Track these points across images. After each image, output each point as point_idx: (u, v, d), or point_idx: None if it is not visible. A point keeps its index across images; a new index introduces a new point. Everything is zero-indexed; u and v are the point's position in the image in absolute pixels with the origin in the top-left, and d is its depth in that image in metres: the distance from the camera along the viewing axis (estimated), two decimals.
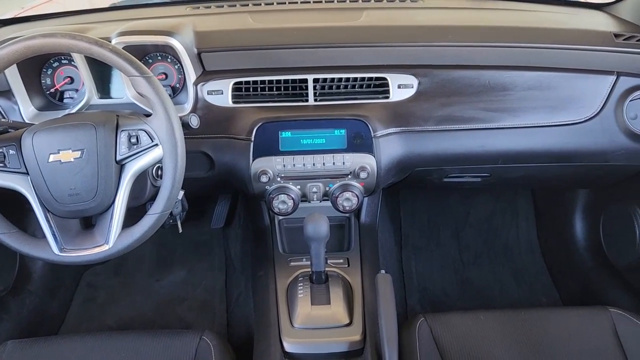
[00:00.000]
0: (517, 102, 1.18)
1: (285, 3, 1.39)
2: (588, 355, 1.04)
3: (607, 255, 1.57)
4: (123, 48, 1.05)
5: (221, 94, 1.15)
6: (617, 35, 1.19)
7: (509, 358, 1.04)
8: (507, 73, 1.18)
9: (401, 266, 1.84)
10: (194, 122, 1.01)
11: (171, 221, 1.16)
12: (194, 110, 1.15)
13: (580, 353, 1.04)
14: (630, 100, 1.19)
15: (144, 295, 1.73)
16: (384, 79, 1.16)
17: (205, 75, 1.16)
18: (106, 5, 1.52)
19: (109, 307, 1.70)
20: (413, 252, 1.88)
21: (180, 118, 0.94)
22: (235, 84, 1.15)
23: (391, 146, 1.16)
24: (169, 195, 0.91)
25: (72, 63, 1.16)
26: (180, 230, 1.22)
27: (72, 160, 0.90)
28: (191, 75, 1.14)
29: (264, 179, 1.14)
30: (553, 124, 1.20)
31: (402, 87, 1.16)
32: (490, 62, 1.18)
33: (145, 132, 0.91)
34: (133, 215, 0.98)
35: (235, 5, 1.39)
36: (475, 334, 1.08)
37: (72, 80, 1.19)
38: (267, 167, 1.14)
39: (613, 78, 1.19)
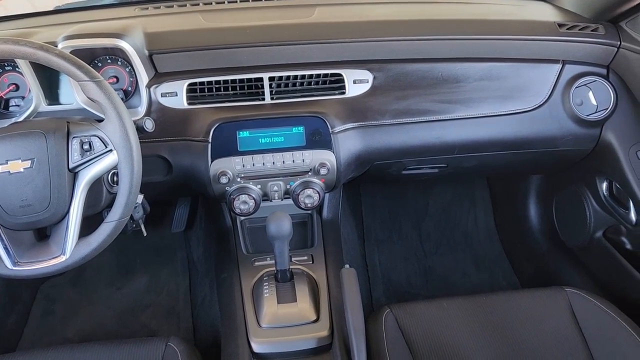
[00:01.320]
0: (470, 93, 1.21)
1: (236, 2, 1.38)
2: (547, 333, 1.08)
3: (561, 237, 1.64)
4: (70, 52, 1.02)
5: (175, 95, 1.13)
6: (560, 25, 1.24)
7: (473, 342, 1.07)
8: (459, 65, 1.20)
9: (365, 259, 1.86)
10: (149, 125, 0.99)
11: (134, 226, 1.14)
12: (148, 113, 1.12)
13: (540, 332, 1.08)
14: (576, 87, 1.24)
15: (105, 305, 1.69)
16: (340, 75, 1.17)
17: (158, 77, 1.14)
18: (50, 9, 1.46)
19: (69, 320, 1.65)
20: (376, 245, 1.90)
21: (134, 122, 0.92)
22: (190, 85, 1.13)
23: (350, 141, 1.17)
24: (127, 201, 0.89)
25: (17, 69, 1.12)
26: (145, 234, 1.19)
27: (22, 170, 0.87)
28: (143, 77, 1.11)
29: (223, 180, 1.12)
30: (505, 112, 1.23)
31: (357, 83, 1.17)
32: (442, 54, 1.20)
33: (98, 137, 0.89)
34: (90, 223, 0.95)
35: (185, 5, 1.36)
36: (439, 321, 1.11)
37: (17, 87, 1.14)
38: (227, 167, 1.13)
39: (559, 66, 1.23)
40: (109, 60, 1.14)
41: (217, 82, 1.14)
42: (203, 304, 1.65)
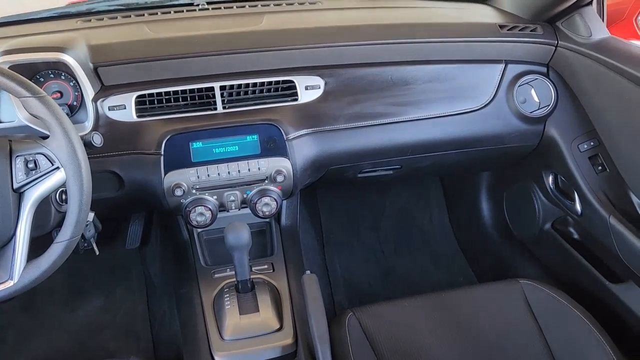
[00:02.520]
0: (420, 94, 1.24)
1: (183, 11, 1.36)
2: (505, 325, 1.11)
3: (513, 231, 1.69)
4: (9, 67, 0.98)
5: (124, 108, 1.10)
6: (501, 26, 1.29)
7: (435, 339, 1.09)
8: (407, 68, 1.23)
9: (325, 264, 1.86)
10: (97, 140, 0.96)
11: (85, 245, 1.10)
12: (95, 128, 1.09)
13: (498, 324, 1.11)
14: (519, 86, 1.28)
15: (60, 329, 1.62)
16: (291, 81, 1.17)
17: (105, 90, 1.10)
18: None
19: (21, 347, 1.57)
20: (335, 249, 1.91)
21: (82, 137, 0.89)
22: (138, 97, 1.11)
23: (305, 147, 1.17)
24: (77, 220, 0.86)
25: None
26: (98, 252, 1.15)
27: None
28: (89, 91, 1.08)
29: (178, 192, 1.10)
30: (454, 112, 1.27)
31: (309, 89, 1.18)
32: (391, 58, 1.23)
33: (44, 155, 0.85)
34: (39, 245, 0.91)
35: (129, 16, 1.33)
36: (402, 321, 1.12)
37: None
38: (181, 180, 1.11)
39: (502, 66, 1.28)
40: (52, 75, 1.10)
41: (167, 93, 1.12)
42: (163, 321, 1.61)
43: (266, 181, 1.16)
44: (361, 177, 1.42)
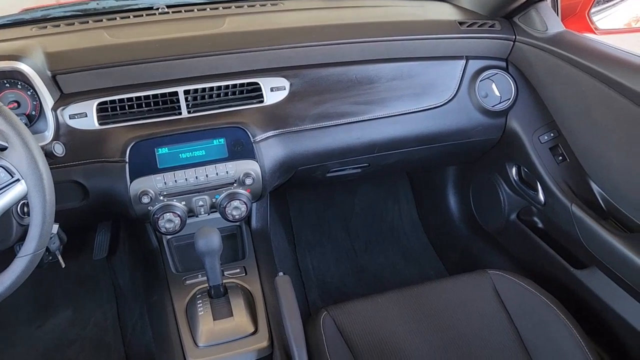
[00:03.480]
0: (384, 92, 1.25)
1: (142, 16, 1.34)
2: (476, 315, 1.13)
3: (480, 222, 1.73)
4: None
5: (85, 116, 1.08)
6: (461, 23, 1.31)
7: (409, 333, 1.10)
8: (371, 66, 1.24)
9: (297, 265, 1.86)
10: (59, 150, 0.93)
11: (50, 258, 1.07)
12: (56, 137, 1.06)
13: (469, 315, 1.13)
14: (480, 80, 1.31)
15: (27, 346, 1.57)
16: (256, 83, 1.17)
17: (65, 98, 1.08)
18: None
19: None
20: (307, 249, 1.91)
21: (42, 147, 0.87)
22: (100, 104, 1.09)
23: (272, 149, 1.17)
24: (40, 232, 0.83)
25: None
26: (64, 265, 1.13)
27: None
28: (48, 100, 1.05)
29: (145, 199, 1.09)
30: (418, 109, 1.29)
31: (274, 90, 1.18)
32: (354, 57, 1.23)
33: (3, 167, 0.83)
34: (1, 260, 0.89)
35: (87, 22, 1.30)
36: (375, 317, 1.13)
37: None
38: (147, 187, 1.09)
39: (463, 62, 1.31)
40: (7, 85, 1.06)
41: (130, 99, 1.10)
42: (134, 331, 1.58)
43: (235, 184, 1.15)
44: (330, 177, 1.43)
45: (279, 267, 1.58)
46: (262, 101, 1.18)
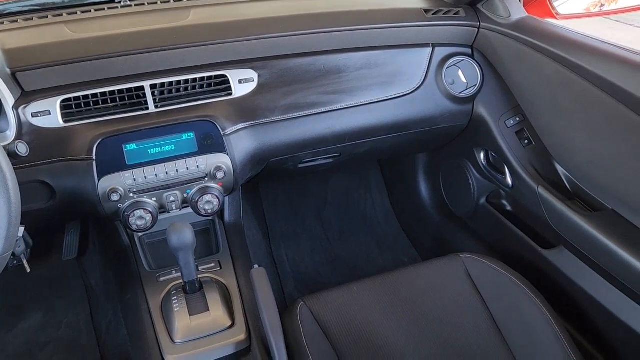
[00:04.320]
0: (353, 82, 1.26)
1: (104, 9, 1.30)
2: (450, 299, 1.16)
3: (451, 208, 1.75)
4: None
5: (49, 114, 1.05)
6: (426, 11, 1.32)
7: (385, 319, 1.12)
8: (339, 56, 1.24)
9: (272, 257, 1.86)
10: (22, 149, 0.91)
11: (15, 262, 1.04)
12: (19, 137, 1.03)
13: (443, 299, 1.16)
14: (447, 68, 1.33)
15: None
16: (224, 76, 1.16)
17: (26, 96, 1.05)
18: None
19: None
20: (281, 241, 1.91)
21: (5, 147, 0.84)
22: (64, 101, 1.06)
23: (243, 142, 1.16)
24: (6, 235, 0.81)
25: None
26: (29, 270, 1.10)
27: None
28: (8, 98, 1.02)
29: (114, 197, 1.07)
30: (386, 98, 1.30)
31: (243, 82, 1.17)
32: (322, 47, 1.23)
33: None
34: None
35: (47, 17, 1.26)
36: (352, 304, 1.14)
37: None
38: (116, 184, 1.07)
39: (430, 50, 1.32)
40: None
41: (94, 95, 1.08)
42: (109, 331, 1.56)
43: (206, 179, 1.14)
44: (302, 168, 1.43)
45: (254, 259, 1.58)
46: (230, 94, 1.17)
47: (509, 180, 1.37)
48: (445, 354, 1.06)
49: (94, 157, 1.05)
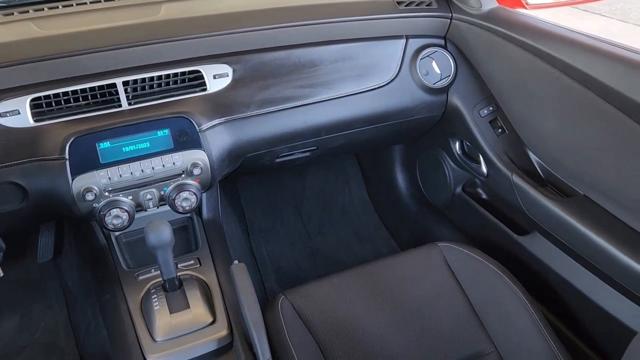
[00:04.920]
0: (328, 75, 1.26)
1: (72, 5, 1.28)
2: (430, 287, 1.17)
3: (428, 198, 1.78)
4: None
5: (18, 114, 1.03)
6: (399, 3, 1.33)
7: (367, 310, 1.13)
8: (313, 49, 1.24)
9: (252, 252, 1.86)
10: None
11: None
12: None
13: (423, 287, 1.17)
14: (421, 59, 1.34)
15: None
16: (198, 71, 1.15)
17: None
18: None
19: None
20: (261, 236, 1.91)
21: None
22: (33, 100, 1.04)
23: (219, 137, 1.16)
24: None
25: None
26: (2, 274, 1.08)
27: None
28: None
29: (89, 196, 1.05)
30: (362, 90, 1.30)
31: (217, 77, 1.16)
32: (296, 41, 1.23)
33: None
34: None
35: (12, 14, 1.23)
36: (333, 296, 1.15)
37: None
38: (91, 183, 1.05)
39: (403, 41, 1.33)
40: None
41: (65, 93, 1.06)
42: (88, 332, 1.54)
43: (183, 175, 1.13)
44: (279, 162, 1.43)
45: (234, 255, 1.57)
46: (205, 89, 1.16)
47: (484, 169, 1.39)
48: (426, 341, 1.08)
49: (67, 157, 1.04)
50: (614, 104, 0.99)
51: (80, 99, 1.08)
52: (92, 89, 1.08)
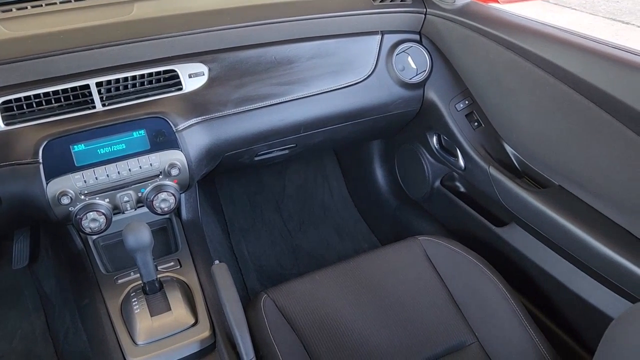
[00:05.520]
0: (304, 72, 1.26)
1: (41, 6, 1.25)
2: (411, 280, 1.18)
3: (407, 192, 1.79)
4: None
5: None
6: None
7: (349, 306, 1.13)
8: (289, 47, 1.24)
9: (233, 252, 1.85)
10: None
11: None
12: None
13: (404, 281, 1.18)
14: (397, 54, 1.35)
15: None
16: (173, 71, 1.13)
17: None
18: None
19: None
20: (241, 235, 1.90)
21: None
22: (4, 103, 1.01)
23: (196, 137, 1.14)
24: None
25: None
26: None
27: None
28: None
29: (65, 200, 1.03)
30: (339, 87, 1.30)
31: (193, 77, 1.15)
32: (272, 38, 1.22)
33: None
34: None
35: None
36: (315, 293, 1.15)
37: None
38: (66, 187, 1.04)
39: (379, 37, 1.33)
40: None
41: (37, 95, 1.04)
42: (67, 338, 1.51)
43: (160, 176, 1.12)
44: (258, 160, 1.42)
45: (214, 255, 1.56)
46: (181, 88, 1.15)
47: (461, 162, 1.41)
48: (408, 334, 1.09)
49: (41, 160, 1.01)
50: (584, 95, 1.01)
51: (53, 101, 1.06)
52: (64, 90, 1.06)
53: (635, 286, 0.99)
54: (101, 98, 1.09)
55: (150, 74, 1.12)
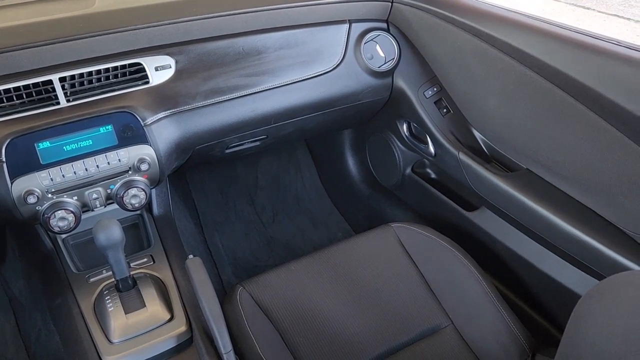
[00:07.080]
0: (273, 63, 1.25)
1: None
2: (385, 267, 1.20)
3: (379, 180, 1.80)
4: None
5: None
6: None
7: (325, 295, 1.14)
8: (257, 37, 1.23)
9: (207, 245, 1.83)
10: None
11: None
12: None
13: (379, 268, 1.19)
14: (365, 43, 1.35)
15: None
16: (139, 64, 1.11)
17: None
18: None
19: None
20: (215, 229, 1.89)
21: None
22: None
23: (165, 131, 1.13)
24: None
25: None
26: None
27: None
28: None
29: (31, 199, 1.01)
30: (308, 77, 1.30)
31: (159, 69, 1.13)
32: (239, 29, 1.21)
33: None
34: None
35: None
36: (291, 284, 1.16)
37: None
38: (32, 185, 1.01)
39: (347, 26, 1.33)
40: None
41: None
42: (39, 341, 1.48)
43: (130, 172, 1.10)
44: (229, 153, 1.41)
45: (188, 250, 1.55)
46: (147, 82, 1.13)
47: (432, 149, 1.42)
48: (384, 320, 1.10)
49: (4, 159, 0.99)
50: (549, 79, 1.03)
51: (15, 98, 1.03)
52: (26, 86, 1.03)
53: (601, 264, 1.02)
54: (65, 94, 1.06)
55: (115, 68, 1.10)
